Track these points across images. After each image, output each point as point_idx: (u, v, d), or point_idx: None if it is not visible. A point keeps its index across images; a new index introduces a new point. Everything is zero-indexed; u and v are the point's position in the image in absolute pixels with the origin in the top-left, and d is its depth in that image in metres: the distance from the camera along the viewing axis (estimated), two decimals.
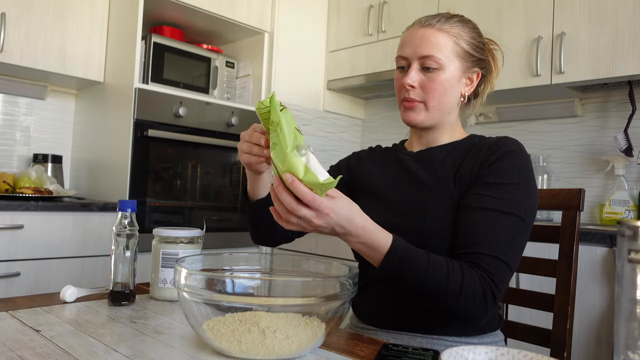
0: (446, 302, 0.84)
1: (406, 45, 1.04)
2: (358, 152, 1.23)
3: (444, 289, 0.83)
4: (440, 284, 0.83)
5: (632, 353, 0.41)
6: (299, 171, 0.72)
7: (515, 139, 1.00)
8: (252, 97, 2.73)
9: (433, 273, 0.83)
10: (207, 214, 2.46)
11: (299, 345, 0.69)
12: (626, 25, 1.87)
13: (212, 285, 0.69)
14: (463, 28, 1.03)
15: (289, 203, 0.75)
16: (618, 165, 2.09)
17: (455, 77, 1.02)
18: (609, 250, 1.60)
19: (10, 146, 2.45)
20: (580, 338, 1.62)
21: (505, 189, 0.92)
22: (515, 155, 0.95)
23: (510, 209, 0.90)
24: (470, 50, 1.03)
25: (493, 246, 0.87)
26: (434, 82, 1.01)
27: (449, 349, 0.53)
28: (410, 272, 0.83)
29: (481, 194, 0.92)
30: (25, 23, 2.16)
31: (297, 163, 0.72)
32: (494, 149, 0.97)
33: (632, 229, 0.41)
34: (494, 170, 0.94)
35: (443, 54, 1.00)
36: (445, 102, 1.03)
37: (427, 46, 1.00)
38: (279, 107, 0.77)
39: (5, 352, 0.68)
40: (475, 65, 1.05)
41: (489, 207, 0.90)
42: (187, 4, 2.37)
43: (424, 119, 1.03)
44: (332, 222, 0.77)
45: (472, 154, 1.00)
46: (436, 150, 1.06)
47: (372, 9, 2.70)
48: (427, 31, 1.01)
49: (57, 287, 1.92)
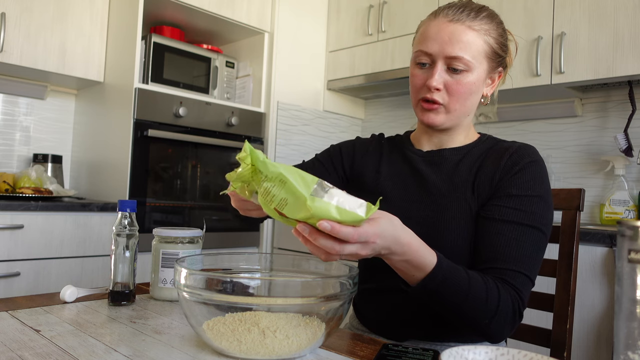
0: (479, 321, 0.82)
1: (431, 40, 0.94)
2: (362, 142, 1.14)
3: (481, 308, 0.80)
4: (478, 303, 0.80)
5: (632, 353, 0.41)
6: (333, 215, 0.63)
7: (533, 146, 0.97)
8: (252, 97, 2.73)
9: (473, 293, 0.79)
10: (207, 214, 2.46)
11: (299, 345, 0.69)
12: (626, 25, 1.87)
13: (212, 285, 0.69)
14: (491, 24, 0.95)
15: (332, 247, 0.66)
16: (618, 165, 2.09)
17: (481, 79, 0.96)
18: (609, 250, 1.60)
19: (10, 146, 2.45)
20: (580, 338, 1.62)
21: (529, 202, 0.89)
22: (537, 166, 0.93)
23: (534, 223, 0.88)
24: (498, 49, 0.97)
25: (519, 262, 0.85)
26: (460, 85, 0.94)
27: (449, 349, 0.53)
28: (450, 291, 0.78)
29: (505, 206, 0.89)
30: (25, 23, 2.16)
31: (326, 208, 0.63)
32: (515, 159, 0.93)
33: (632, 229, 0.41)
34: (516, 181, 0.91)
35: (472, 55, 0.93)
36: (469, 105, 0.97)
37: (457, 46, 0.92)
38: (261, 157, 0.66)
39: (5, 352, 0.68)
40: (499, 64, 0.99)
41: (513, 220, 0.88)
42: (187, 4, 2.37)
43: (443, 121, 0.97)
44: (378, 247, 0.70)
45: (490, 161, 0.96)
46: (449, 153, 1.00)
47: (372, 9, 2.70)
48: (457, 28, 0.92)
49: (57, 287, 1.92)
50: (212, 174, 2.50)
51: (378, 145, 1.12)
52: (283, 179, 0.64)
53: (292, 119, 2.76)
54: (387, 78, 2.62)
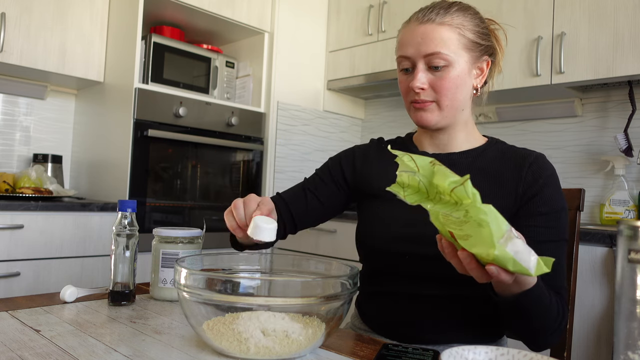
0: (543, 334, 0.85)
1: (407, 45, 0.97)
2: (362, 149, 1.13)
3: (551, 324, 0.84)
4: (552, 321, 0.84)
5: (632, 353, 0.41)
6: (508, 267, 0.65)
7: (542, 154, 0.99)
8: (252, 97, 2.73)
9: (550, 310, 0.83)
10: (207, 214, 2.46)
11: (299, 345, 0.69)
12: (626, 25, 1.87)
13: (212, 285, 0.69)
14: (465, 16, 0.96)
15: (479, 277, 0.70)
16: (618, 165, 2.09)
17: (465, 70, 0.96)
18: (609, 250, 1.60)
19: (10, 146, 2.45)
20: (580, 338, 1.62)
21: (556, 216, 0.93)
22: (556, 178, 0.96)
23: (563, 236, 0.93)
24: (476, 39, 0.97)
25: (558, 277, 0.89)
26: (445, 80, 0.94)
27: (449, 349, 0.53)
28: (537, 309, 0.80)
29: (537, 226, 0.92)
30: (25, 23, 2.16)
31: (505, 258, 0.63)
32: (536, 172, 0.94)
33: (632, 229, 0.41)
34: (544, 198, 0.93)
35: (449, 49, 0.94)
36: (459, 99, 0.97)
37: (431, 43, 0.93)
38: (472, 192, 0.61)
39: (5, 352, 0.68)
40: (483, 53, 0.99)
41: (548, 239, 0.91)
42: (187, 4, 2.37)
43: (438, 120, 0.97)
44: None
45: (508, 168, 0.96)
46: (459, 156, 1.00)
47: (372, 9, 2.70)
48: (427, 27, 0.94)
49: (57, 287, 1.92)
50: (212, 174, 2.50)
51: (379, 150, 1.11)
52: (482, 223, 0.61)
53: (292, 119, 2.76)
54: (387, 78, 2.61)
